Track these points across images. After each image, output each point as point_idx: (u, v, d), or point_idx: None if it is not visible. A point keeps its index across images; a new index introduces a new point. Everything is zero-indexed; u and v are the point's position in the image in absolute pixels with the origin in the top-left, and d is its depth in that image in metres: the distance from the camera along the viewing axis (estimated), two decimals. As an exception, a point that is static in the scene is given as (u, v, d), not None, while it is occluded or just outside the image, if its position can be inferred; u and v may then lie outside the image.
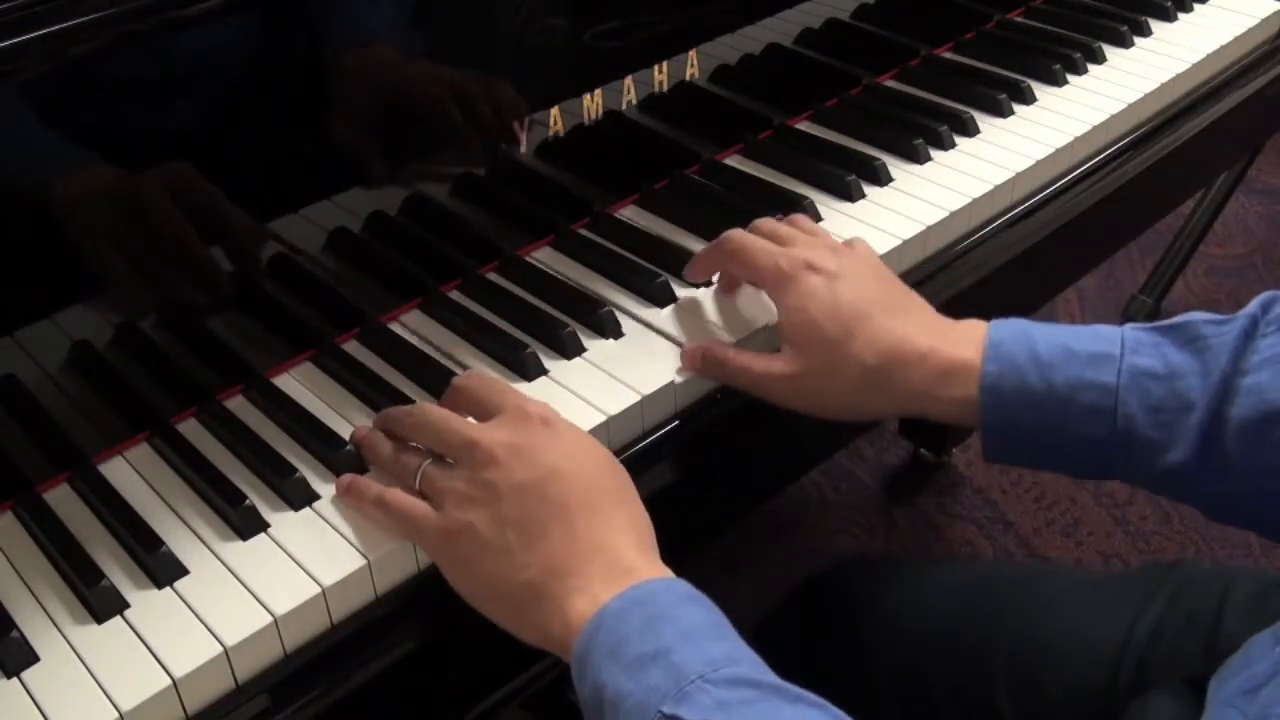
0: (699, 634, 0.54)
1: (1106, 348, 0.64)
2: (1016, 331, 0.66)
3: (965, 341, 0.67)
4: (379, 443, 0.66)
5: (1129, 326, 0.66)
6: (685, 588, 0.57)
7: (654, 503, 0.62)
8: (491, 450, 0.60)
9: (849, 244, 0.74)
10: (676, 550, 0.61)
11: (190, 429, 0.71)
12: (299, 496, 0.65)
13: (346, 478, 0.65)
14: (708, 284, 0.79)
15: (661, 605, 0.55)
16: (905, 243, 0.83)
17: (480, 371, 0.68)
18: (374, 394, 0.72)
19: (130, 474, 0.68)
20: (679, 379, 0.72)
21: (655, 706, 0.51)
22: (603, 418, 0.69)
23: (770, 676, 0.53)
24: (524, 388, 0.72)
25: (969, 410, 0.66)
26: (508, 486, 0.59)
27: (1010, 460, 0.68)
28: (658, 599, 0.56)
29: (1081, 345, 0.65)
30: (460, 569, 0.60)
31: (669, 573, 0.59)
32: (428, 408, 0.65)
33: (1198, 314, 0.65)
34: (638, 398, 0.71)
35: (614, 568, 0.57)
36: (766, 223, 0.76)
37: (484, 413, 0.64)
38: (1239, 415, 0.61)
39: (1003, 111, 0.97)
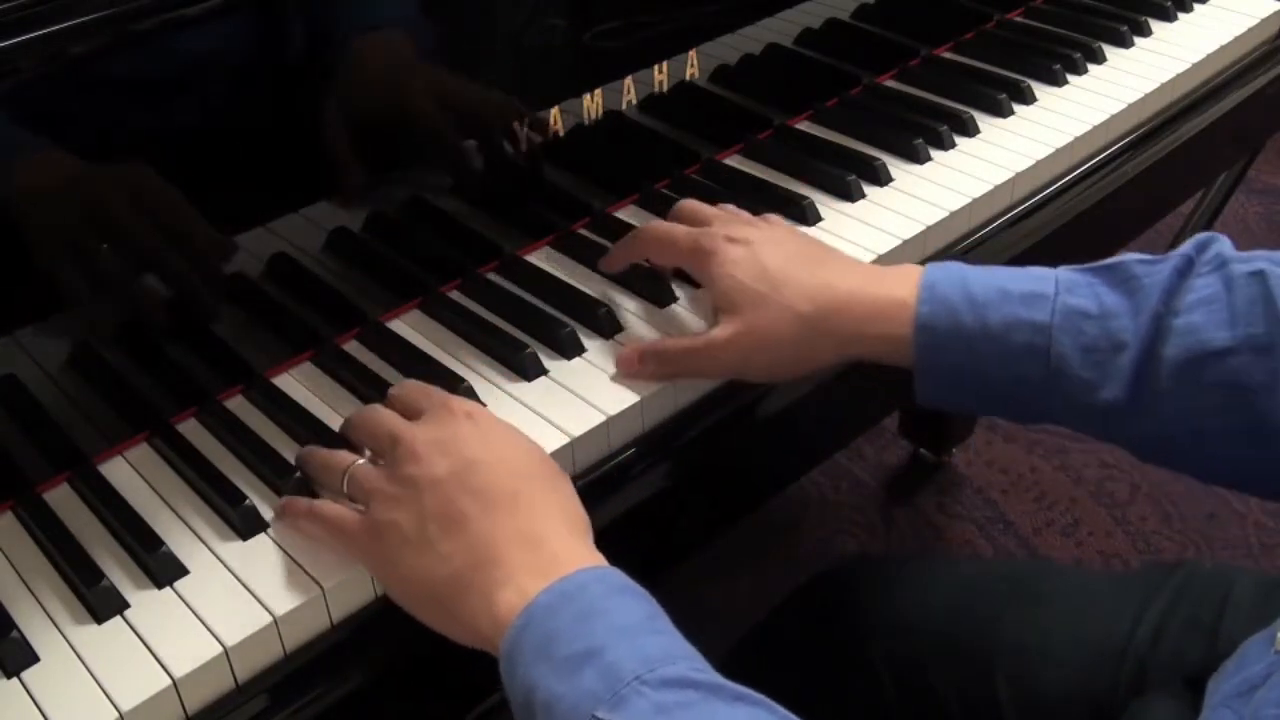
0: (633, 630, 0.52)
1: (1040, 287, 0.64)
2: (951, 273, 0.67)
3: (900, 283, 0.67)
4: (311, 452, 0.65)
5: (1063, 268, 0.66)
6: (618, 578, 0.56)
7: (658, 500, 0.62)
8: (413, 445, 0.59)
9: (764, 218, 0.76)
10: (676, 549, 0.61)
11: (190, 429, 0.71)
12: (300, 496, 0.65)
13: (283, 499, 0.64)
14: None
15: (592, 598, 0.54)
16: (905, 243, 0.83)
17: (414, 382, 0.67)
18: (374, 394, 0.72)
19: (130, 474, 0.68)
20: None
21: (589, 711, 0.49)
22: (603, 418, 0.69)
23: (709, 674, 0.52)
24: (524, 388, 0.72)
25: (902, 349, 0.66)
26: (428, 480, 0.58)
27: (942, 401, 0.68)
28: (588, 591, 0.54)
29: (1016, 285, 0.65)
30: (387, 569, 0.59)
31: (602, 560, 0.57)
32: (361, 408, 0.66)
33: (1131, 254, 0.65)
34: (638, 398, 0.71)
35: (541, 556, 0.56)
36: (688, 203, 0.77)
37: (412, 411, 0.64)
38: (1171, 355, 0.61)
39: (1003, 111, 0.98)
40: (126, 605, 0.60)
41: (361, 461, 0.62)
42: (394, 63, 0.72)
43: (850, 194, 0.88)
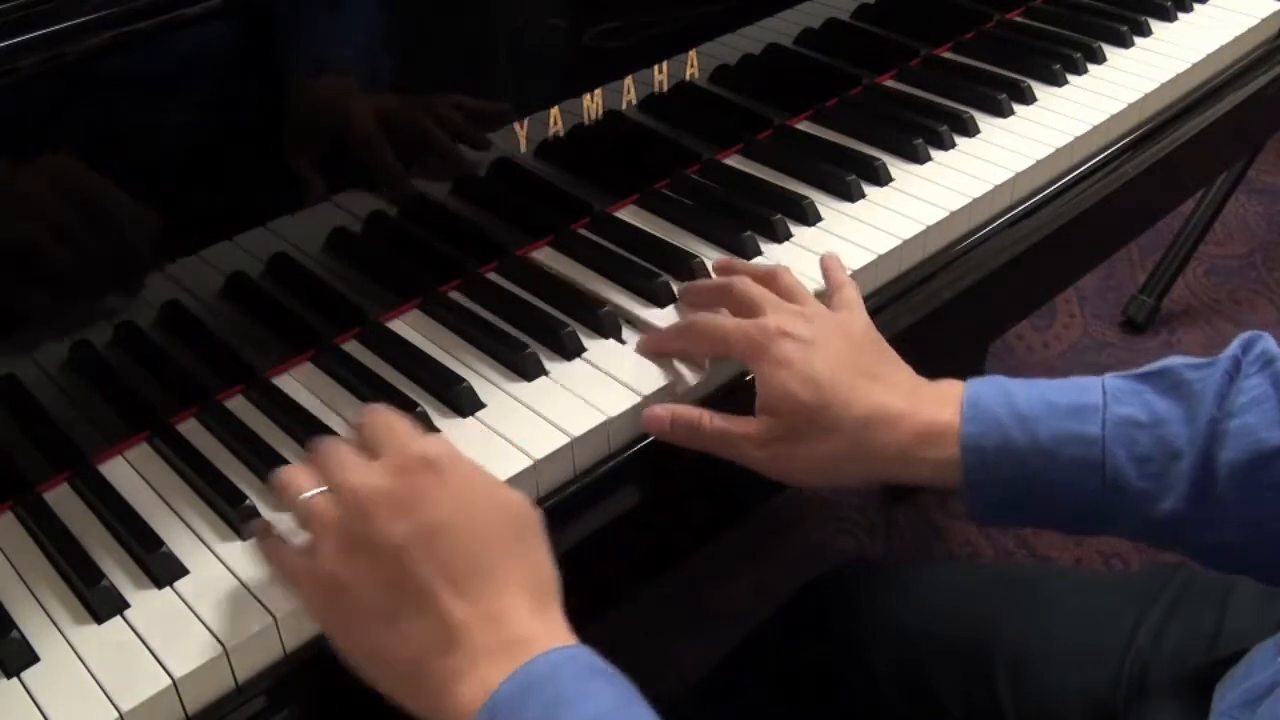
0: (605, 718, 0.50)
1: (1088, 398, 0.63)
2: (994, 388, 0.65)
3: (943, 402, 0.65)
4: (278, 471, 0.61)
5: (1109, 376, 0.65)
6: (586, 658, 0.52)
7: (659, 501, 0.62)
8: (368, 500, 0.54)
9: (837, 292, 0.74)
10: (677, 549, 0.61)
11: (190, 429, 0.71)
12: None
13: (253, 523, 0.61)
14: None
15: (560, 685, 0.50)
16: (905, 243, 0.83)
17: (382, 408, 0.61)
18: (374, 394, 0.72)
19: (130, 474, 0.68)
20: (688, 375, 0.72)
21: None
22: (603, 418, 0.69)
23: None
24: (524, 388, 0.72)
25: (950, 471, 0.64)
26: (385, 544, 0.53)
27: (998, 521, 0.66)
28: (556, 677, 0.51)
29: (1062, 397, 0.63)
30: (339, 633, 0.55)
31: (569, 636, 0.54)
32: (327, 442, 0.59)
33: (1177, 358, 0.64)
34: (639, 398, 0.71)
35: (506, 637, 0.52)
36: (742, 282, 0.73)
37: (373, 452, 0.58)
38: (1229, 459, 0.60)
39: (1003, 111, 0.97)
40: (126, 605, 0.60)
41: (311, 494, 0.57)
42: (393, 63, 0.72)
43: (850, 194, 0.88)
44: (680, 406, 0.70)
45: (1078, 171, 0.94)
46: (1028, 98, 0.99)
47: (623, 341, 0.76)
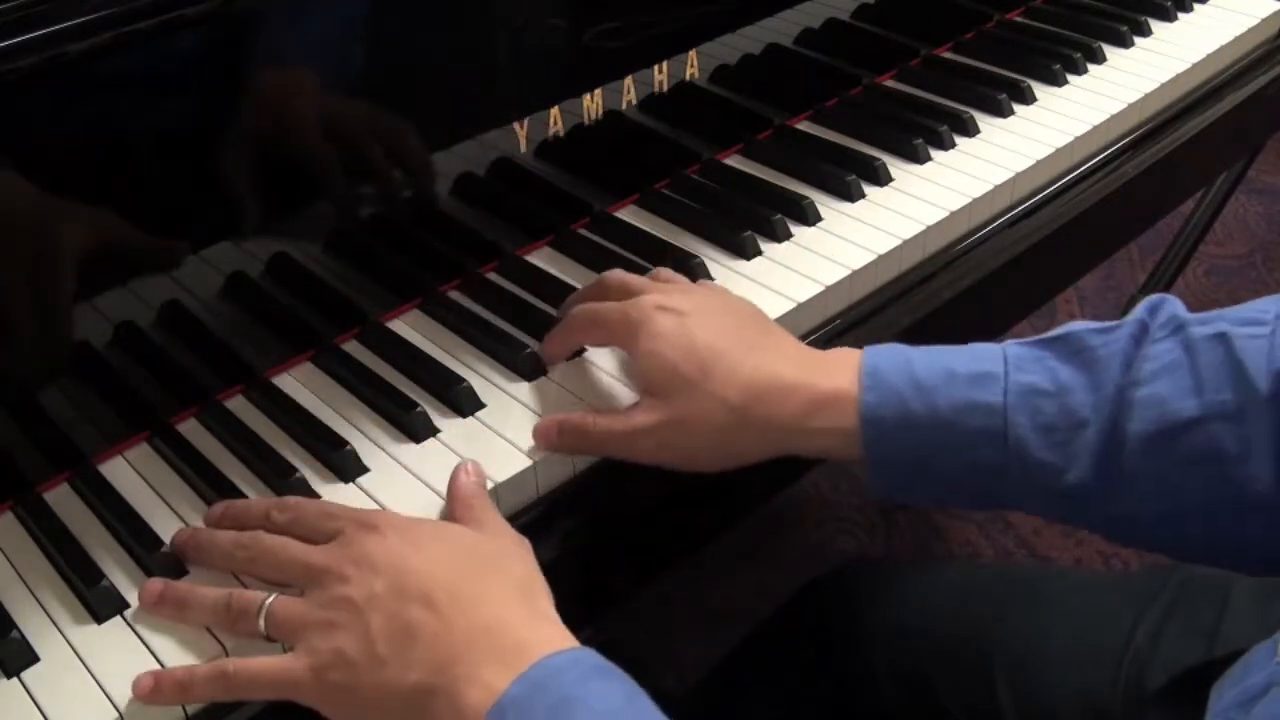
0: (613, 715, 0.50)
1: (989, 366, 0.61)
2: (893, 356, 0.63)
3: (838, 370, 0.63)
4: (196, 595, 0.58)
5: (1010, 343, 0.63)
6: (591, 659, 0.52)
7: (662, 495, 0.61)
8: (340, 568, 0.55)
9: (702, 284, 0.71)
10: (679, 548, 0.61)
11: (190, 429, 0.71)
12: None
13: (209, 666, 0.56)
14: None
15: (566, 685, 0.50)
16: (905, 243, 0.83)
17: (306, 499, 0.62)
18: (374, 394, 0.72)
19: (130, 474, 0.68)
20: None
21: None
22: (603, 418, 0.69)
23: None
24: (523, 388, 0.72)
25: (849, 442, 0.62)
26: (365, 599, 0.54)
27: (898, 493, 0.64)
28: (562, 678, 0.51)
29: (963, 365, 0.61)
30: (343, 701, 0.54)
31: (570, 638, 0.54)
32: (263, 537, 0.59)
33: (1080, 323, 0.61)
34: (636, 397, 0.70)
35: (504, 645, 0.52)
36: (615, 274, 0.72)
37: (324, 538, 0.58)
38: (1138, 430, 0.57)
39: (1003, 111, 0.97)
40: (126, 605, 0.60)
41: (276, 596, 0.57)
42: (392, 64, 0.72)
43: (850, 194, 0.88)
44: (565, 414, 0.67)
45: (1078, 171, 0.94)
46: (1028, 98, 0.99)
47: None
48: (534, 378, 0.73)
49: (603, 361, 0.74)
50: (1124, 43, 1.07)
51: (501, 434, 0.69)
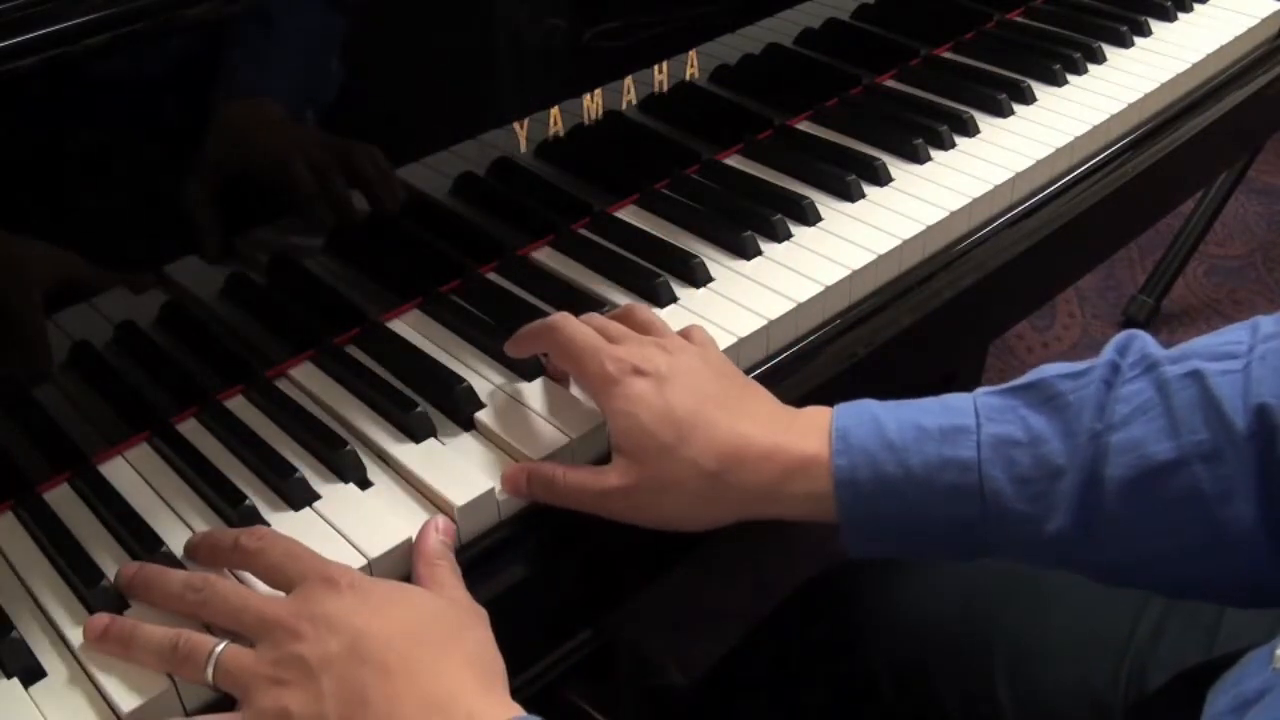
0: None
1: (959, 420, 0.60)
2: (862, 416, 0.62)
3: (809, 433, 0.62)
4: (143, 633, 0.57)
5: (980, 392, 0.62)
6: None
7: None
8: (296, 625, 0.54)
9: (685, 333, 0.70)
10: (678, 547, 0.61)
11: (190, 429, 0.71)
12: (299, 496, 0.65)
13: None
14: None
15: None
16: (905, 243, 0.83)
17: (277, 534, 0.61)
18: (374, 393, 0.72)
19: (130, 474, 0.68)
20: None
21: None
22: (602, 418, 0.69)
23: None
24: (524, 387, 0.72)
25: (822, 506, 0.61)
26: (318, 660, 0.52)
27: (877, 553, 0.63)
28: None
29: (932, 420, 0.60)
30: None
31: (517, 710, 0.53)
32: (216, 581, 0.58)
33: (1050, 367, 0.61)
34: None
35: (453, 717, 0.52)
36: (595, 318, 0.69)
37: (284, 583, 0.58)
38: (1116, 475, 0.57)
39: (1003, 111, 0.98)
40: (126, 606, 0.60)
41: (226, 645, 0.55)
42: (391, 65, 0.72)
43: (850, 194, 0.88)
44: (536, 463, 0.66)
45: (1078, 171, 0.94)
46: (1028, 98, 0.99)
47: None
48: (534, 378, 0.73)
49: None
50: (1124, 43, 1.07)
51: (501, 434, 0.69)
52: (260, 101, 0.67)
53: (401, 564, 0.62)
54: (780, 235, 0.84)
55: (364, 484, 0.67)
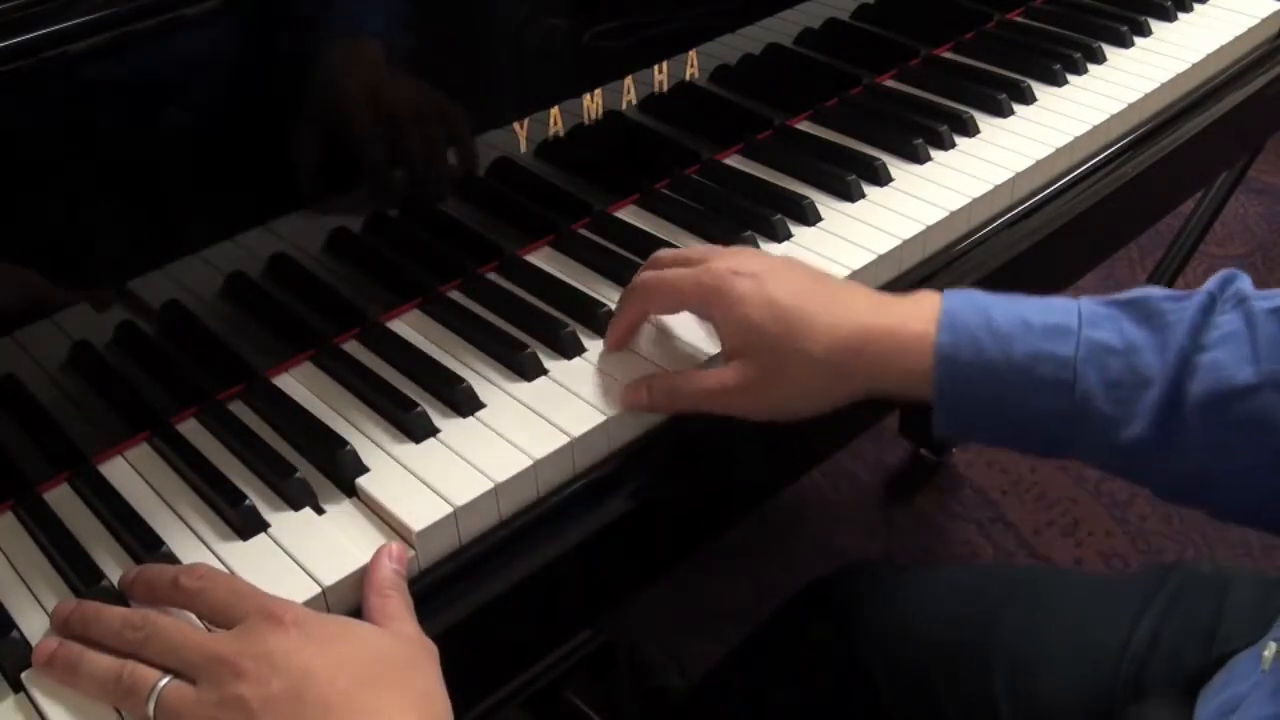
0: None
1: (1064, 320, 0.63)
2: (971, 302, 0.65)
3: (917, 314, 0.65)
4: (88, 662, 0.55)
5: (1085, 299, 0.65)
6: None
7: (661, 497, 0.60)
8: (237, 662, 0.53)
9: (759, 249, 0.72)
10: (678, 547, 0.60)
11: (190, 429, 0.71)
12: (299, 496, 0.65)
13: None
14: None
15: None
16: (905, 243, 0.83)
17: (218, 572, 0.60)
18: (374, 393, 0.72)
19: (130, 474, 0.68)
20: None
21: None
22: (603, 418, 0.69)
23: None
24: (524, 387, 0.72)
25: (919, 382, 0.64)
26: (260, 700, 0.51)
27: (961, 432, 0.66)
28: None
29: (1038, 317, 0.63)
30: None
31: None
32: (156, 619, 0.56)
33: (1154, 289, 0.64)
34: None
35: None
36: (666, 253, 0.73)
37: (226, 620, 0.56)
38: (1198, 391, 0.60)
39: (1003, 111, 0.98)
40: (126, 605, 0.60)
41: (169, 681, 0.54)
42: (381, 63, 0.72)
43: (850, 194, 0.88)
44: (653, 375, 0.70)
45: (1078, 171, 0.94)
46: (1028, 98, 0.99)
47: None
48: (534, 378, 0.73)
49: (605, 363, 0.74)
50: (1124, 43, 1.07)
51: (501, 434, 0.69)
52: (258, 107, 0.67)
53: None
54: (780, 235, 0.84)
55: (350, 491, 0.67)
